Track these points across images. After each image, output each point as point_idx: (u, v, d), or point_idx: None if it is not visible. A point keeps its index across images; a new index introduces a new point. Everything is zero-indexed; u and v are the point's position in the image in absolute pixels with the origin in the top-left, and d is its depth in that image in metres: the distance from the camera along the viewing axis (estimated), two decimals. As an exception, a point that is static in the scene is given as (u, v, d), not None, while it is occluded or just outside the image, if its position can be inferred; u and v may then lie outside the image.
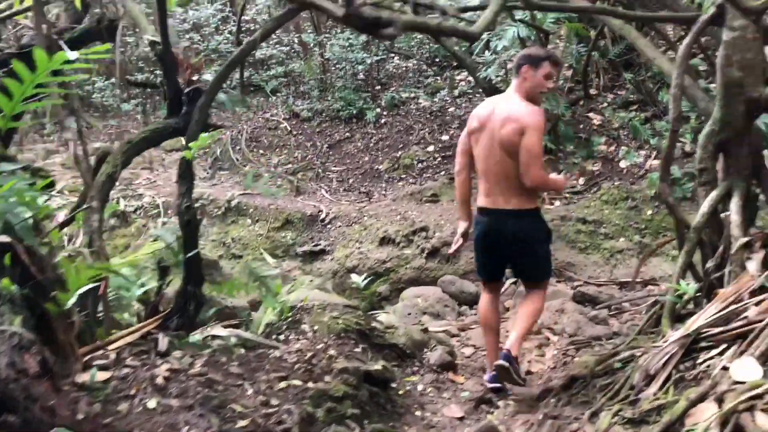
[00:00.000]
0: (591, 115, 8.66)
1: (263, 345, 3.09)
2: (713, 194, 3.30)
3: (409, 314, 5.90)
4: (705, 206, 3.32)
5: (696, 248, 3.41)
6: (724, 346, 2.75)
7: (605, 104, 8.80)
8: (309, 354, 2.93)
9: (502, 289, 5.64)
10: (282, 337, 3.34)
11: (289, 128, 10.58)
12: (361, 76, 11.72)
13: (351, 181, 9.17)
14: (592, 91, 9.08)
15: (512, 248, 3.57)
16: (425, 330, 4.17)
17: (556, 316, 4.96)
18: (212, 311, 3.40)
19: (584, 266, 6.55)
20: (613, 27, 4.04)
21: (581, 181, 7.53)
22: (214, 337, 3.05)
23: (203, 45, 12.69)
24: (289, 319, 3.57)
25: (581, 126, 8.45)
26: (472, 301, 6.05)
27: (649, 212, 6.71)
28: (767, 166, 3.32)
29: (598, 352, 4.02)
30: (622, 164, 7.49)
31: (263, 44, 13.13)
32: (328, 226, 7.65)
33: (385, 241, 7.00)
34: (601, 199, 6.99)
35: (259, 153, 10.11)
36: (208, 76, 3.34)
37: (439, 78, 11.36)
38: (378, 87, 11.47)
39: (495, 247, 3.60)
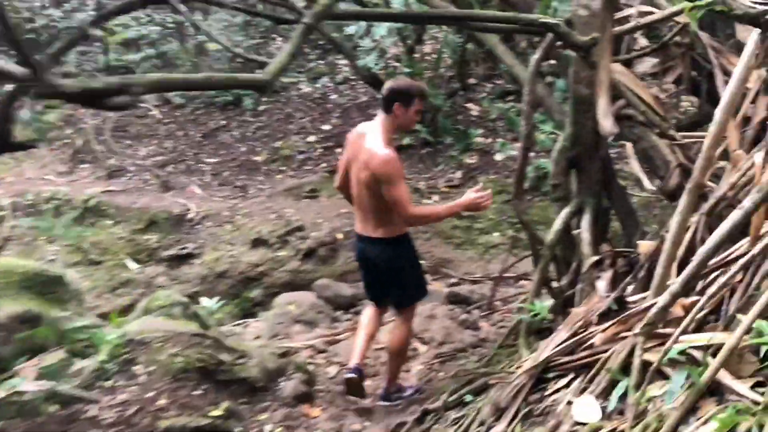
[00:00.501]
0: (469, 105, 8.66)
1: (82, 399, 2.72)
2: (565, 210, 3.24)
3: (281, 323, 5.63)
4: (557, 222, 3.26)
5: (550, 265, 3.36)
6: (571, 376, 2.70)
7: (483, 94, 8.83)
8: (134, 408, 2.60)
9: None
10: (109, 383, 2.97)
11: (160, 116, 9.87)
12: (240, 59, 11.13)
13: (226, 174, 8.68)
14: (471, 81, 9.08)
15: (380, 274, 3.63)
16: (284, 354, 3.91)
17: (426, 322, 4.86)
18: (23, 360, 2.95)
19: (460, 262, 6.52)
20: (472, 31, 3.91)
21: (458, 174, 7.49)
22: (20, 393, 2.64)
23: (62, 23, 11.57)
24: (123, 357, 3.19)
25: (459, 117, 8.42)
26: (347, 305, 5.87)
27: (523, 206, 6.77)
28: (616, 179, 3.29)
29: (463, 366, 3.96)
30: (498, 157, 7.53)
31: (133, 23, 12.20)
32: (198, 226, 7.18)
33: (258, 242, 6.65)
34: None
35: (126, 144, 9.37)
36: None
37: (322, 62, 11.01)
38: (258, 71, 10.95)
39: (367, 271, 3.74)
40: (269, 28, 11.69)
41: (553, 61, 8.38)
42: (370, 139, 3.36)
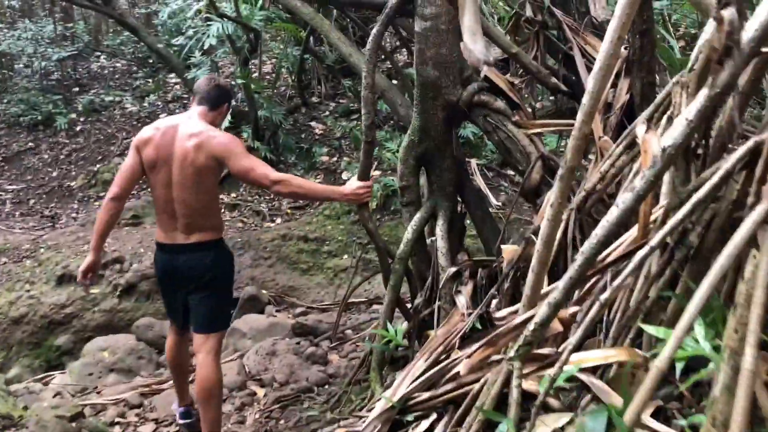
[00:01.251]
0: (313, 124, 8.12)
1: None
2: (417, 217, 2.73)
3: (91, 374, 4.59)
4: (409, 231, 2.74)
5: (402, 281, 2.82)
6: (434, 416, 2.14)
7: (327, 113, 8.35)
8: None
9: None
10: None
11: (-52, 138, 8.25)
12: (56, 75, 9.77)
13: (32, 202, 7.35)
14: (315, 99, 8.58)
15: (190, 287, 3.03)
16: (76, 416, 2.99)
17: (266, 361, 4.12)
18: None
19: (307, 289, 5.87)
20: (303, 17, 3.35)
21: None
22: None
23: None
24: None
25: (303, 135, 7.85)
26: (175, 346, 4.96)
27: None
28: (471, 180, 2.84)
29: (307, 410, 3.29)
30: (345, 176, 7.01)
31: None
32: (-11, 264, 5.87)
33: (65, 279, 5.51)
34: (324, 213, 6.40)
35: None
36: None
37: (150, 81, 9.95)
38: (76, 89, 9.64)
39: (175, 286, 3.11)
40: (89, 43, 10.44)
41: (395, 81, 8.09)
42: (195, 126, 2.93)
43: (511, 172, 6.89)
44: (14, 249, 5.97)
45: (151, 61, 10.52)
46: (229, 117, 6.88)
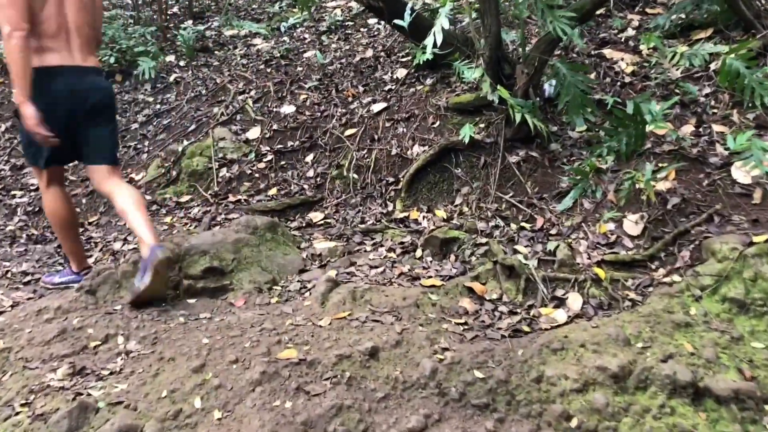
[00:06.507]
0: (607, 52, 3.71)
1: None
2: None
3: None
4: None
5: None
6: None
7: (631, 31, 3.89)
8: None
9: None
10: None
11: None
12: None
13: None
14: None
15: (96, 114, 2.66)
16: None
17: None
18: None
19: None
20: None
21: (632, 227, 2.54)
22: None
23: None
24: None
25: (593, 76, 3.49)
26: None
27: None
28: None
29: None
30: (740, 176, 2.57)
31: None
32: None
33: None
34: (719, 294, 2.05)
35: None
36: None
37: (295, 5, 6.16)
38: (183, 18, 6.15)
39: (76, 115, 2.63)
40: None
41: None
42: None
43: None
44: None
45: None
46: (435, 38, 2.63)
